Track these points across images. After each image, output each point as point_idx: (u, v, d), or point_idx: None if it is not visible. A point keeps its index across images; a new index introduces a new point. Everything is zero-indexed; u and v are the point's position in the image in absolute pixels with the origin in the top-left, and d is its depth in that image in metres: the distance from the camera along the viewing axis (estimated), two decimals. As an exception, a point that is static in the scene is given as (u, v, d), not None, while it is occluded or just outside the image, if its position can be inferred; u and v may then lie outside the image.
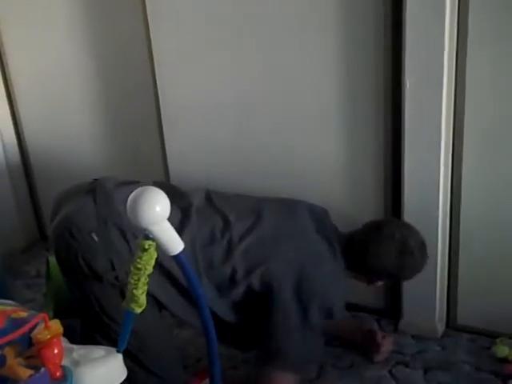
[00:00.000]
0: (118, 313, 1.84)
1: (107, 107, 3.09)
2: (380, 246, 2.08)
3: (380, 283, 2.20)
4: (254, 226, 2.03)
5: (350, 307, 2.53)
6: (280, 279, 1.96)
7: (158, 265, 1.26)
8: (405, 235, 2.09)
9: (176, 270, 1.82)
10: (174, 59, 2.63)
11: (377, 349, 2.29)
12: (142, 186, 1.27)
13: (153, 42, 2.62)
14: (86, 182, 2.03)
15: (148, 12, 2.57)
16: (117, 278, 1.85)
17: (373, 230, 2.13)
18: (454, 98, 2.15)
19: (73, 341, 1.33)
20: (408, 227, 2.17)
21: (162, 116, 2.76)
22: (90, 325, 1.95)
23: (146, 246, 1.23)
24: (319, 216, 2.15)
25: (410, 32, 2.06)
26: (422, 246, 2.12)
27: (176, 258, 1.29)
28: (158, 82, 2.70)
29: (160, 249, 1.27)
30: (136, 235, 1.80)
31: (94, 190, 1.95)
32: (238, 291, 1.99)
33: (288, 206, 2.16)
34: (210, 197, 2.11)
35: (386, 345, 2.31)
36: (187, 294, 1.88)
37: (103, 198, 1.92)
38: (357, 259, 2.10)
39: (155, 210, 1.20)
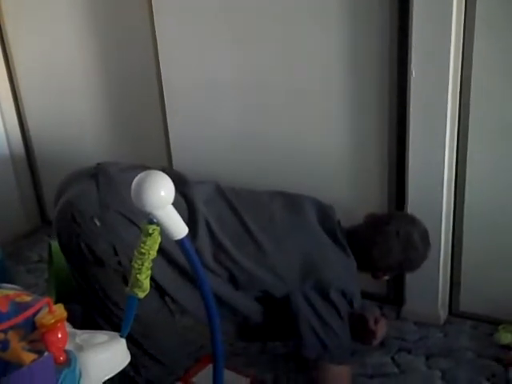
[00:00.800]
0: (121, 298, 1.83)
1: (109, 94, 3.08)
2: (384, 245, 2.07)
3: (386, 277, 2.20)
4: (265, 226, 2.02)
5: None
6: (293, 278, 1.97)
7: (161, 251, 1.25)
8: (408, 231, 2.08)
9: (180, 256, 1.82)
10: (177, 43, 2.61)
11: (372, 335, 2.28)
12: (144, 170, 1.26)
13: (156, 25, 2.61)
14: (90, 166, 2.02)
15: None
16: (119, 262, 1.84)
17: (376, 228, 2.12)
18: (459, 86, 2.15)
19: (75, 326, 1.33)
20: (411, 220, 2.16)
21: (166, 102, 2.76)
22: (93, 310, 1.94)
23: (150, 231, 1.22)
24: (326, 213, 2.13)
25: (417, 20, 2.05)
26: (426, 237, 2.12)
27: (180, 242, 1.28)
28: (161, 67, 2.69)
29: (164, 234, 1.26)
30: (139, 220, 1.79)
31: (96, 174, 1.94)
32: (254, 289, 2.00)
33: (296, 203, 2.13)
34: (220, 189, 2.09)
35: (380, 330, 2.29)
36: (191, 280, 1.88)
37: (106, 183, 1.91)
38: (361, 257, 2.08)
39: (160, 194, 1.19)
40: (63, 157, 3.26)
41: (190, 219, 1.90)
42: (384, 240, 2.07)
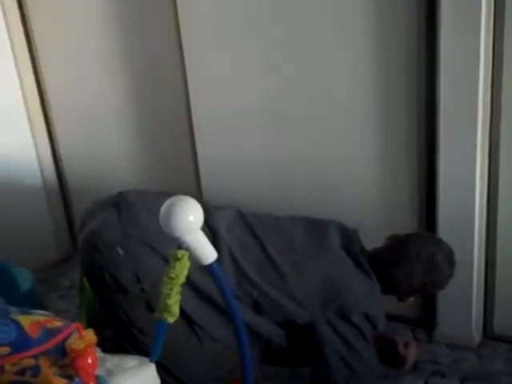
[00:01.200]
0: (146, 324, 1.85)
1: (139, 124, 3.11)
2: (405, 268, 2.03)
3: (411, 299, 2.17)
4: (285, 251, 2.01)
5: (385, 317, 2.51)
6: (315, 304, 1.96)
7: (186, 279, 1.25)
8: (432, 252, 2.04)
9: (206, 284, 1.82)
10: (206, 71, 2.64)
11: (403, 360, 2.25)
12: (167, 196, 1.27)
13: (185, 53, 2.65)
14: (112, 195, 2.04)
15: (180, 23, 2.60)
16: (142, 289, 1.85)
17: (397, 250, 2.08)
18: (490, 107, 2.13)
19: (106, 351, 1.33)
20: (434, 241, 2.13)
21: (195, 130, 2.78)
22: (120, 335, 1.95)
23: (179, 256, 1.23)
24: (349, 237, 2.11)
25: (445, 40, 2.05)
26: (450, 257, 2.08)
27: (209, 267, 1.29)
28: (190, 96, 2.72)
29: (193, 260, 1.26)
30: (160, 247, 1.81)
31: (118, 203, 1.95)
32: (277, 316, 1.99)
33: (318, 228, 2.11)
34: (241, 215, 2.09)
35: (411, 354, 2.25)
36: (218, 308, 1.88)
37: (127, 211, 1.92)
38: (384, 280, 2.05)
39: (189, 219, 1.20)
40: (95, 186, 3.28)
41: (213, 246, 1.90)
42: (405, 262, 2.04)
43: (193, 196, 1.26)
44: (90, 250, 1.88)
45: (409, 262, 2.03)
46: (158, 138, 3.09)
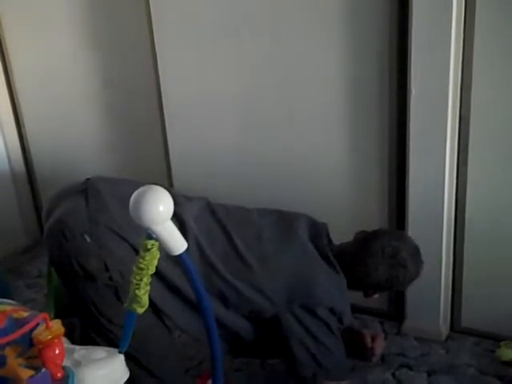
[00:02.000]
0: (114, 313, 1.84)
1: (109, 110, 3.09)
2: (369, 263, 2.03)
3: (376, 296, 2.18)
4: (252, 244, 2.01)
5: (353, 309, 2.52)
6: (281, 297, 1.95)
7: (155, 270, 1.24)
8: (395, 247, 2.04)
9: (173, 275, 1.81)
10: (177, 58, 2.63)
11: (370, 352, 2.27)
12: (137, 185, 1.25)
13: (156, 40, 2.63)
14: (79, 181, 2.02)
15: (151, 10, 2.58)
16: (110, 278, 1.83)
17: (362, 245, 2.08)
18: (459, 102, 2.14)
19: (74, 341, 1.32)
20: (399, 237, 2.13)
21: (165, 117, 2.76)
22: (87, 325, 1.93)
23: (149, 246, 1.21)
24: (317, 230, 2.11)
25: (417, 28, 2.06)
26: (415, 254, 2.08)
27: (179, 257, 1.27)
28: (161, 82, 2.70)
29: (162, 249, 1.25)
30: (129, 235, 1.79)
31: (85, 190, 1.93)
32: (244, 308, 1.99)
33: (287, 221, 2.11)
34: (210, 206, 2.08)
35: (378, 346, 2.28)
36: (186, 299, 1.87)
37: (95, 199, 1.90)
38: (349, 275, 2.06)
39: (158, 209, 1.18)
40: (63, 173, 3.25)
41: None
42: (369, 257, 2.04)
43: (162, 185, 1.24)
44: (57, 237, 1.86)
45: (373, 257, 2.03)
46: (128, 127, 3.08)
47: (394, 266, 2.03)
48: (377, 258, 2.03)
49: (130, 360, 1.32)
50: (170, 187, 2.51)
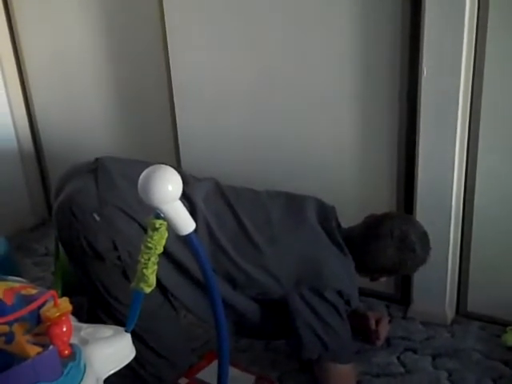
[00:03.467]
0: (121, 292, 1.85)
1: (119, 92, 3.09)
2: (378, 246, 2.04)
3: (383, 279, 2.18)
4: (261, 226, 2.01)
5: (359, 292, 2.53)
6: (289, 279, 1.96)
7: (164, 249, 1.24)
8: (404, 231, 2.04)
9: (182, 255, 1.82)
10: (188, 43, 2.62)
11: (375, 336, 2.28)
12: (146, 165, 1.25)
13: (167, 24, 2.63)
14: (89, 161, 2.02)
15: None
16: (119, 257, 1.84)
17: (371, 228, 2.09)
18: (471, 83, 2.12)
19: (80, 319, 1.32)
20: (408, 220, 2.14)
21: (175, 101, 2.76)
22: (95, 304, 1.94)
23: (157, 225, 1.21)
24: (326, 213, 2.11)
25: (429, 17, 2.04)
26: (424, 238, 2.08)
27: (187, 238, 1.27)
28: (171, 66, 2.70)
29: (171, 229, 1.25)
30: (138, 215, 1.79)
31: (95, 169, 1.93)
32: (251, 289, 1.99)
33: (296, 203, 2.12)
34: (219, 187, 2.08)
35: (383, 330, 2.29)
36: (194, 279, 1.88)
37: (105, 178, 1.90)
38: (357, 258, 2.06)
39: (167, 188, 1.18)
40: (71, 151, 3.26)
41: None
42: (378, 240, 2.05)
43: (172, 166, 1.24)
44: (66, 215, 1.86)
45: (382, 240, 2.04)
46: (137, 107, 3.07)
47: (402, 249, 2.03)
48: (386, 241, 2.03)
49: (136, 339, 1.32)
50: (178, 167, 2.50)
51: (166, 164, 1.24)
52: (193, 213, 1.89)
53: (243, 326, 2.05)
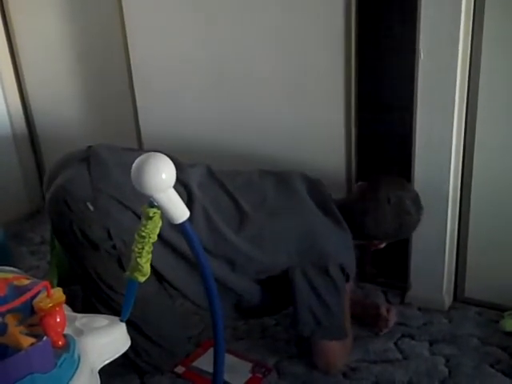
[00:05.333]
0: (116, 281, 1.84)
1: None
2: (377, 213, 2.08)
3: (382, 245, 2.22)
4: (258, 207, 2.02)
5: (357, 278, 2.53)
6: (290, 256, 1.98)
7: (158, 236, 1.23)
8: (400, 196, 2.09)
9: (178, 241, 1.81)
10: (146, 21, 2.69)
11: (384, 324, 2.27)
12: (139, 153, 1.24)
13: (124, 8, 2.69)
14: (81, 149, 2.00)
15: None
16: (114, 246, 1.83)
17: (367, 197, 2.12)
18: (468, 66, 2.11)
19: (76, 308, 1.31)
20: (400, 185, 2.17)
21: (134, 84, 2.84)
22: (90, 293, 1.94)
23: (151, 214, 1.20)
24: (316, 187, 2.14)
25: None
26: (417, 200, 2.14)
27: (181, 226, 1.26)
28: (130, 50, 2.78)
29: (164, 218, 1.24)
30: (132, 203, 1.78)
31: (87, 158, 1.92)
32: (251, 270, 2.00)
33: (285, 181, 2.13)
34: (212, 172, 2.09)
35: (392, 318, 2.29)
36: (192, 265, 1.87)
37: (97, 167, 1.89)
38: (355, 228, 2.09)
39: (161, 177, 1.16)
40: (65, 137, 3.27)
41: (187, 203, 1.89)
42: (376, 208, 2.09)
43: (165, 153, 1.22)
44: (59, 205, 1.85)
45: (380, 208, 2.08)
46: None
47: (400, 214, 2.09)
48: (384, 207, 2.07)
49: (132, 327, 1.32)
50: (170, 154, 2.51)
51: (160, 152, 1.22)
52: (189, 199, 1.89)
53: (243, 308, 2.07)
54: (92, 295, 1.92)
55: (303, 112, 2.47)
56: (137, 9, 2.67)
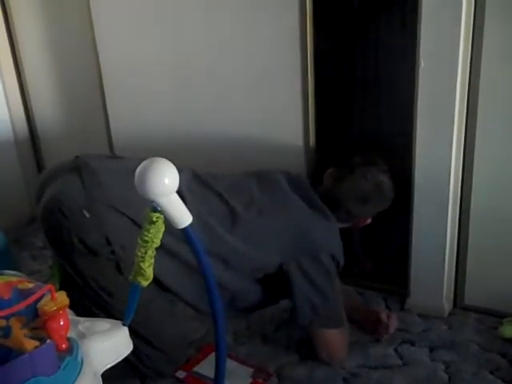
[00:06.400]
0: (115, 287, 1.85)
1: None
2: (360, 193, 2.17)
3: (368, 221, 2.28)
4: (248, 204, 2.06)
5: (357, 284, 2.55)
6: (284, 251, 2.03)
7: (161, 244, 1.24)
8: (374, 171, 2.19)
9: (178, 246, 1.81)
10: (113, 22, 2.77)
11: (385, 330, 2.28)
12: (128, 160, 1.25)
13: (92, 9, 2.77)
14: (68, 160, 2.02)
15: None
16: (112, 252, 1.84)
17: (343, 180, 2.18)
18: (468, 77, 2.11)
19: (78, 313, 1.32)
20: (369, 160, 2.23)
21: (104, 84, 2.91)
22: (89, 302, 1.94)
23: (154, 219, 1.21)
24: (298, 182, 2.18)
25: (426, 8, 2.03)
26: (387, 171, 2.22)
27: (184, 231, 1.27)
28: (98, 52, 2.86)
29: (167, 222, 1.25)
30: (128, 209, 1.79)
31: (78, 167, 1.93)
32: (246, 267, 2.04)
33: (269, 180, 2.18)
34: (197, 175, 2.11)
35: (392, 324, 2.30)
36: (188, 269, 1.88)
37: (89, 175, 1.90)
38: (340, 213, 2.16)
39: (164, 181, 1.18)
40: (67, 142, 3.28)
41: None
42: (357, 188, 2.17)
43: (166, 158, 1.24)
44: (54, 215, 1.85)
45: (360, 187, 2.17)
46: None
47: (379, 186, 2.19)
48: (364, 186, 2.17)
49: (133, 332, 1.32)
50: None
51: (162, 157, 1.24)
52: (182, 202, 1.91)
53: (237, 305, 2.11)
54: (91, 304, 1.92)
55: (264, 107, 2.56)
56: (105, 12, 2.76)
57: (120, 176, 1.18)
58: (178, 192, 1.89)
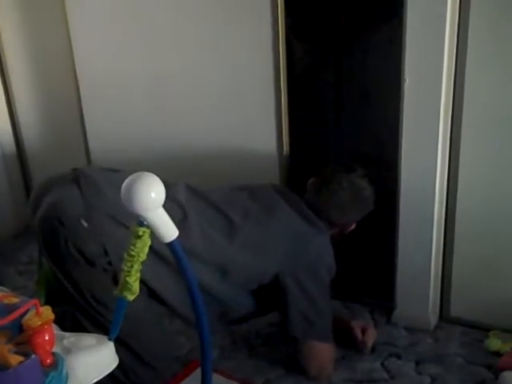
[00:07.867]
0: (111, 299, 1.82)
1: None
2: (338, 203, 2.19)
3: (353, 226, 2.30)
4: (245, 216, 2.07)
5: (343, 298, 2.55)
6: (281, 262, 2.06)
7: (151, 248, 1.24)
8: (350, 179, 2.20)
9: (168, 251, 1.81)
10: (91, 38, 2.81)
11: (363, 345, 2.29)
12: (127, 172, 1.25)
13: (69, 18, 2.81)
14: (66, 171, 2.02)
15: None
16: (110, 263, 1.83)
17: (321, 192, 2.20)
18: (453, 89, 2.14)
19: (65, 328, 1.31)
20: (347, 168, 2.24)
21: (81, 95, 2.95)
22: (79, 312, 1.93)
23: (140, 233, 1.21)
24: (288, 195, 2.21)
25: (410, 25, 2.06)
26: (366, 175, 2.22)
27: (170, 245, 1.27)
28: (75, 63, 2.89)
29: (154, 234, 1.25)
30: (127, 219, 1.79)
31: (77, 178, 1.93)
32: (243, 278, 2.06)
33: (260, 193, 2.20)
34: (191, 188, 2.11)
35: (369, 339, 2.30)
36: (179, 276, 1.88)
37: (88, 186, 1.90)
38: (326, 222, 2.18)
39: (150, 196, 1.18)
40: (52, 156, 3.28)
41: (183, 218, 1.93)
42: (334, 198, 2.19)
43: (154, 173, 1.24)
44: (52, 224, 1.85)
45: (337, 197, 2.19)
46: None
47: (357, 193, 2.20)
48: (341, 195, 2.19)
49: (121, 345, 1.32)
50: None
51: (149, 172, 1.24)
52: (183, 213, 1.95)
53: (228, 318, 2.12)
54: (83, 315, 1.91)
55: (238, 116, 2.61)
56: (81, 26, 2.80)
57: (118, 187, 1.18)
58: (179, 204, 1.93)
